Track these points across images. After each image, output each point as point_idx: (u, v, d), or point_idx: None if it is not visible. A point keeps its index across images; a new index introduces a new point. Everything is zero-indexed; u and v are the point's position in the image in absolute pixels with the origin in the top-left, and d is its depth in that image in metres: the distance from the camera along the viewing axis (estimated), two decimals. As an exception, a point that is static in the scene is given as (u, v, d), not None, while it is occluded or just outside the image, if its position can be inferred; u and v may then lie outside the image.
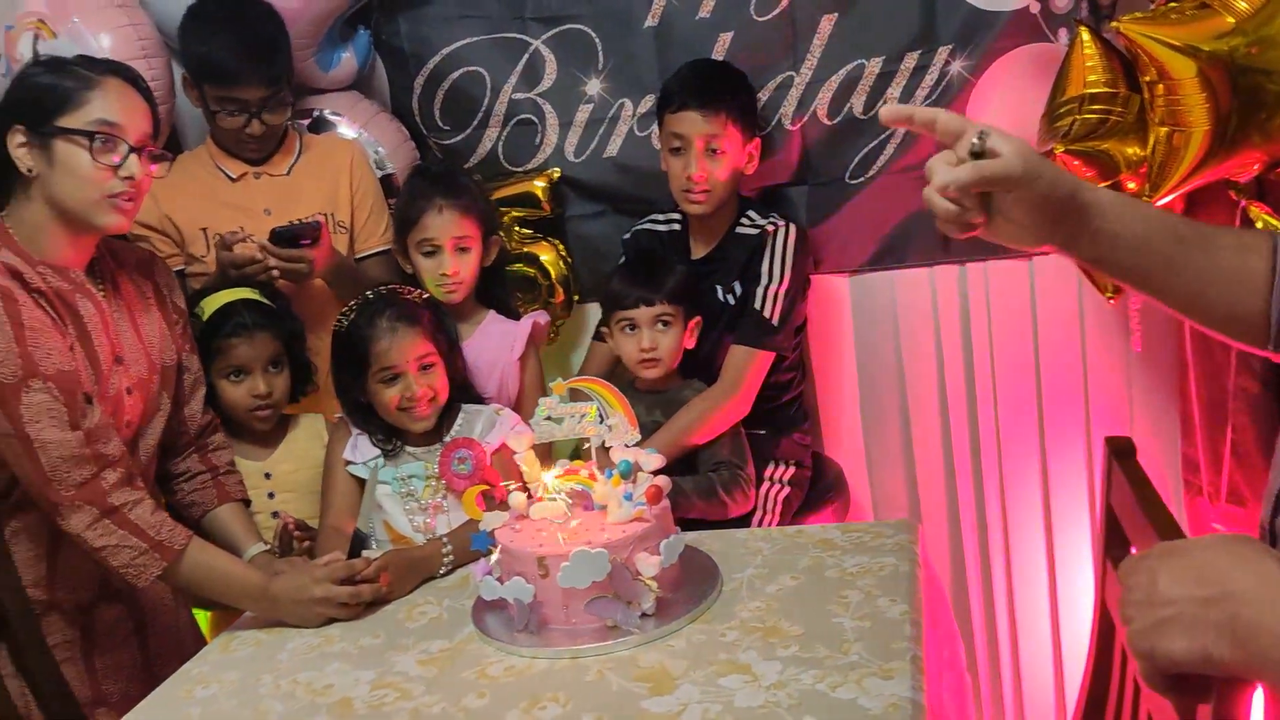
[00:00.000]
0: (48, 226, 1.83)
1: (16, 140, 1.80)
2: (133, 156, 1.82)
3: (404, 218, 2.39)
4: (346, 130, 2.68)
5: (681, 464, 2.30)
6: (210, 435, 2.15)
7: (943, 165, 1.14)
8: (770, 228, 2.46)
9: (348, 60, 2.71)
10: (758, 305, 2.41)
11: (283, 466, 2.28)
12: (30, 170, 1.80)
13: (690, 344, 2.41)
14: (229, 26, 2.33)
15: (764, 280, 2.42)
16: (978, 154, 1.11)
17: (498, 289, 2.49)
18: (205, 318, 2.20)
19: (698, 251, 2.56)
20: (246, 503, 2.13)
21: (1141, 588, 0.91)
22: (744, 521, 2.40)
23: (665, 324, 2.35)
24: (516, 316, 2.50)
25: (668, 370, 2.38)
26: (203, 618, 2.25)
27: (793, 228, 2.46)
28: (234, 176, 2.46)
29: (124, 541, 1.76)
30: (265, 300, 2.25)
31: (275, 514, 2.24)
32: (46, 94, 1.80)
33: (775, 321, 2.41)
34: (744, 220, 2.51)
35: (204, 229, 2.42)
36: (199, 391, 2.12)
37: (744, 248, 2.47)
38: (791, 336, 2.47)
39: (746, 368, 2.40)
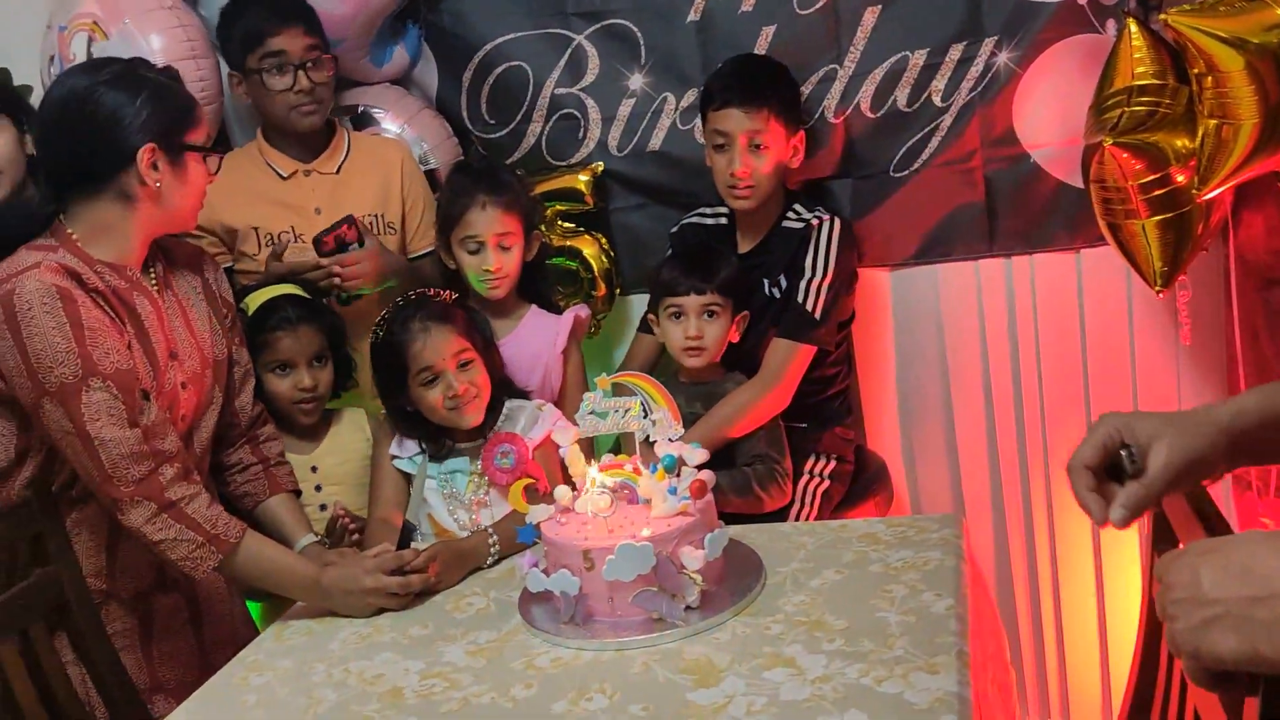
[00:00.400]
0: (119, 228, 1.87)
1: (149, 160, 1.83)
2: (210, 161, 1.92)
3: (447, 215, 2.41)
4: (390, 126, 2.71)
5: (719, 456, 2.31)
6: (261, 427, 2.18)
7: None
8: (815, 221, 2.46)
9: (399, 54, 2.76)
10: (800, 299, 2.42)
11: (328, 460, 2.32)
12: (156, 184, 1.84)
13: (735, 338, 2.42)
14: None
15: (807, 274, 2.42)
16: (1138, 471, 1.08)
17: (538, 283, 2.51)
18: (250, 313, 2.24)
19: (744, 245, 2.56)
20: (297, 493, 2.17)
21: (1184, 585, 0.90)
22: (782, 515, 2.41)
23: (712, 314, 2.36)
24: (558, 310, 2.52)
25: (711, 361, 2.40)
26: (254, 608, 2.29)
27: (837, 222, 2.46)
28: (285, 174, 2.49)
29: (181, 535, 1.79)
30: (307, 295, 2.29)
31: (323, 506, 2.28)
32: (176, 115, 1.87)
33: (818, 315, 2.41)
34: (790, 214, 2.51)
35: (255, 228, 2.45)
36: (249, 384, 2.16)
37: (789, 242, 2.47)
38: (835, 331, 2.47)
39: (788, 361, 2.41)
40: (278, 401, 2.27)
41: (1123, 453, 1.09)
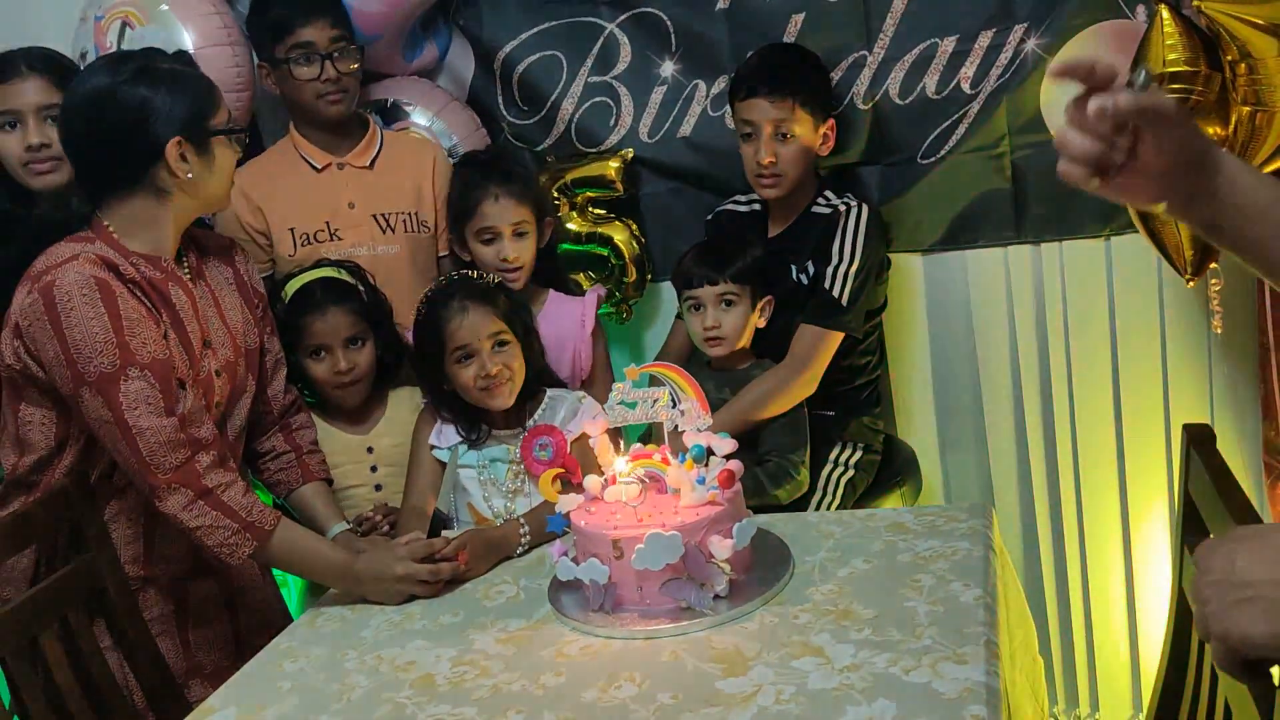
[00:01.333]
0: (164, 221, 1.90)
1: (176, 153, 1.85)
2: (236, 140, 1.95)
3: (459, 208, 2.43)
4: (419, 119, 2.72)
5: (741, 442, 2.30)
6: (294, 415, 2.20)
7: (1088, 101, 1.07)
8: (843, 208, 2.45)
9: (430, 50, 2.78)
10: (827, 285, 2.41)
11: (384, 441, 2.33)
12: (187, 175, 1.86)
13: (761, 323, 2.42)
14: None
15: (834, 260, 2.42)
16: (1143, 88, 1.06)
17: (553, 268, 2.52)
18: (288, 299, 2.26)
19: (774, 230, 2.56)
20: (329, 481, 2.19)
21: (1219, 569, 0.91)
22: (802, 504, 2.41)
23: (729, 303, 2.36)
24: (577, 292, 2.53)
25: (733, 349, 2.40)
26: (298, 585, 2.32)
27: (865, 208, 2.45)
28: (319, 166, 2.50)
29: (217, 522, 1.82)
30: (346, 278, 2.30)
31: (378, 487, 2.29)
32: (197, 104, 1.87)
33: (844, 301, 2.40)
34: (820, 200, 2.50)
35: (291, 229, 2.47)
36: (280, 372, 2.18)
37: (817, 227, 2.47)
38: (862, 318, 2.46)
39: (814, 347, 2.40)
40: (319, 386, 2.28)
41: (1133, 74, 1.07)
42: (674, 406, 1.78)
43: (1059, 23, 2.45)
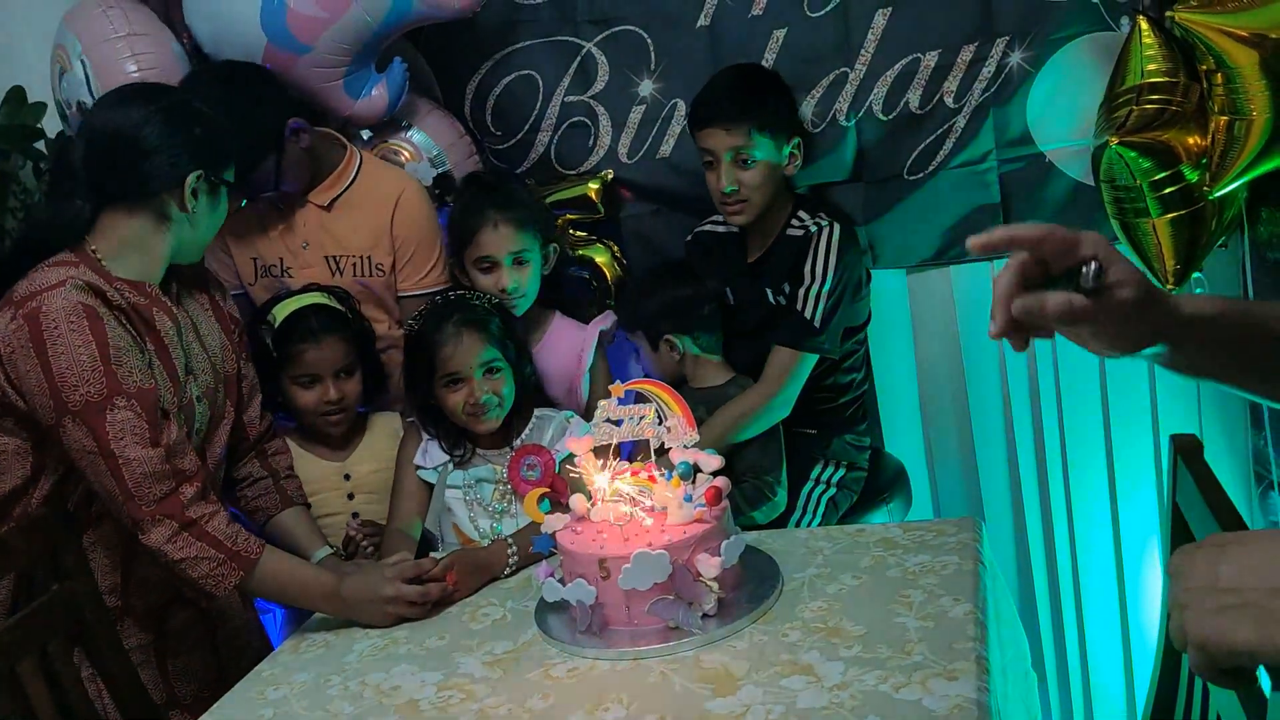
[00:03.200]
0: (155, 251, 1.90)
1: (194, 186, 1.87)
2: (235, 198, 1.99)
3: (459, 234, 2.39)
4: (400, 134, 2.66)
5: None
6: (269, 440, 2.19)
7: (1019, 293, 1.02)
8: (814, 228, 2.42)
9: (379, 94, 2.53)
10: (800, 306, 2.38)
11: (362, 467, 2.31)
12: (194, 210, 1.88)
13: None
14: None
15: (806, 281, 2.39)
16: (1094, 290, 1.00)
17: (558, 289, 2.50)
18: (277, 324, 2.24)
19: (752, 254, 2.54)
20: (307, 506, 2.17)
21: (1200, 575, 0.89)
22: (781, 523, 2.39)
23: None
24: (582, 316, 2.50)
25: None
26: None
27: (837, 227, 2.41)
28: (280, 205, 2.42)
29: (202, 553, 1.79)
30: (336, 305, 2.28)
31: (355, 514, 2.27)
32: (222, 148, 1.92)
33: (817, 323, 2.37)
34: (794, 221, 2.47)
35: (254, 258, 2.44)
36: (256, 397, 2.16)
37: (791, 249, 2.44)
38: (839, 337, 2.43)
39: (787, 368, 2.38)
40: (302, 413, 2.26)
41: (1085, 268, 1.00)
42: (660, 423, 1.76)
43: (1042, 36, 2.46)
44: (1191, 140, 2.08)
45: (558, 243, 2.50)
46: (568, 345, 2.44)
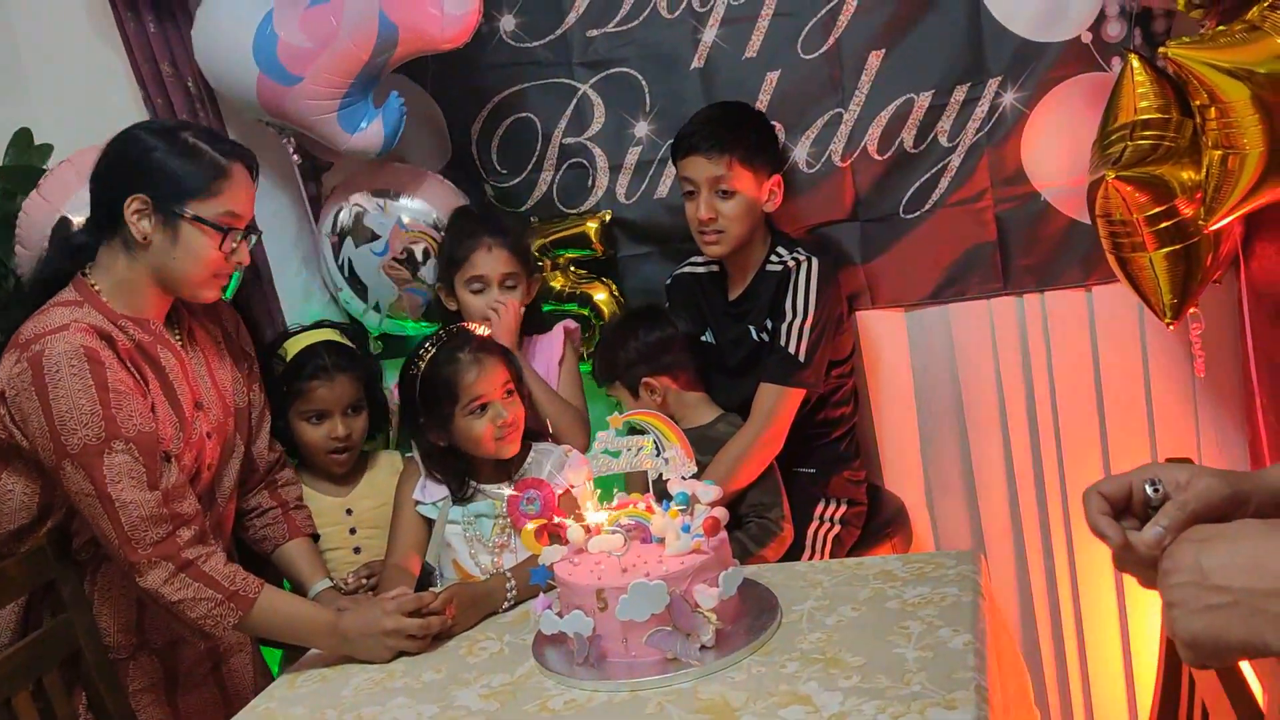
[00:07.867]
0: (140, 284, 1.89)
1: (134, 208, 1.84)
2: (243, 242, 1.90)
3: (451, 257, 2.44)
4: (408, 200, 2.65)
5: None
6: (279, 471, 2.19)
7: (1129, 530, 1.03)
8: (793, 263, 2.43)
9: (375, 128, 2.49)
10: (783, 342, 2.38)
11: (364, 503, 2.31)
12: (145, 239, 1.85)
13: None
14: None
15: (788, 316, 2.39)
16: (1157, 505, 1.02)
17: (531, 318, 2.51)
18: (288, 359, 2.24)
19: (733, 292, 2.56)
20: (315, 537, 2.16)
21: (1187, 569, 0.90)
22: (793, 558, 2.38)
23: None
24: (547, 328, 2.54)
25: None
26: (271, 655, 2.27)
27: (815, 261, 2.42)
28: None
29: (200, 594, 1.78)
30: (348, 342, 2.29)
31: (357, 549, 2.26)
32: (182, 178, 1.85)
33: (801, 358, 2.37)
34: (772, 257, 2.48)
35: None
36: (265, 427, 2.16)
37: (771, 285, 2.45)
38: (823, 372, 2.43)
39: (776, 405, 2.38)
40: (308, 449, 2.26)
41: (1147, 487, 1.03)
42: (658, 454, 1.76)
43: (1035, 76, 2.49)
44: (1186, 175, 2.10)
45: (539, 276, 2.57)
46: (541, 354, 2.50)
